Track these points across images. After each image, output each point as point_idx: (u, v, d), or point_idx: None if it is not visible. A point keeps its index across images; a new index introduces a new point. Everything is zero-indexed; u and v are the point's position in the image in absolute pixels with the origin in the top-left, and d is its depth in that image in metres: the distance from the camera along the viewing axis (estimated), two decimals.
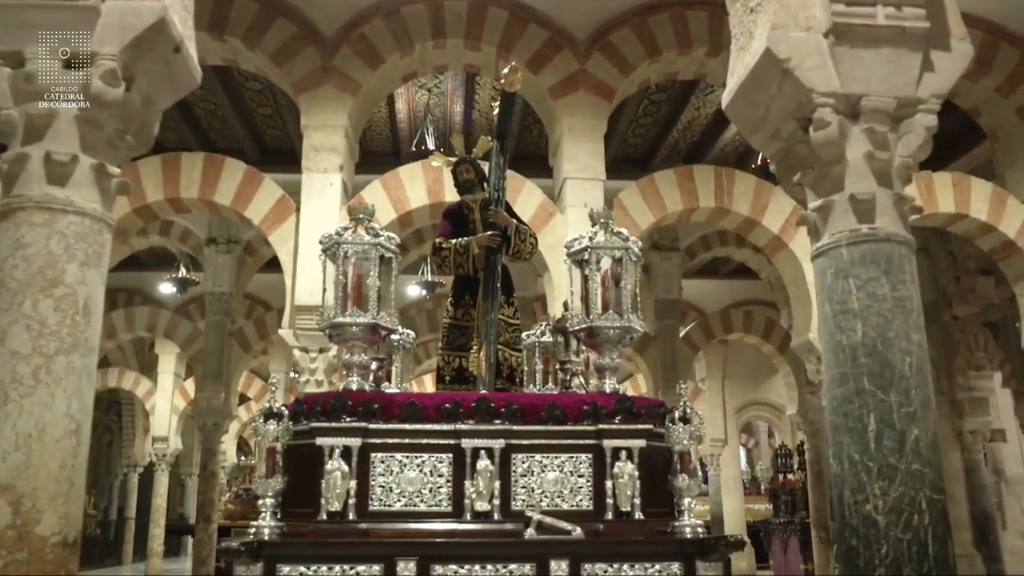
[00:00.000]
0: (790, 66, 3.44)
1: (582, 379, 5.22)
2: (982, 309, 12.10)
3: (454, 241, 5.57)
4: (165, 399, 16.06)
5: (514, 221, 5.61)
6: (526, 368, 5.55)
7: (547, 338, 5.42)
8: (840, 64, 3.45)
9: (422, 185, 8.49)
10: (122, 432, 20.37)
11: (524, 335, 5.62)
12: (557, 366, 5.39)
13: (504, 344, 5.51)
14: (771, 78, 3.56)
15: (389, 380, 5.21)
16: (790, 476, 14.37)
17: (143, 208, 8.41)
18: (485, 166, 5.80)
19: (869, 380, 3.28)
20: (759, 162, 11.14)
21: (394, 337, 5.29)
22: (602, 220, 4.70)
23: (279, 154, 11.59)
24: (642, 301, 13.67)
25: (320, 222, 7.88)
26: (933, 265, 12.91)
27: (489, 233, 5.51)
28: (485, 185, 5.79)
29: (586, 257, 4.59)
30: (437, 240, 5.69)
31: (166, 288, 14.35)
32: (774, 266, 9.83)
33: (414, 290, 14.65)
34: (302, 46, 8.54)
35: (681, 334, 13.62)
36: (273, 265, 9.30)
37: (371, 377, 5.20)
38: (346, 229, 4.52)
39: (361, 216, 4.58)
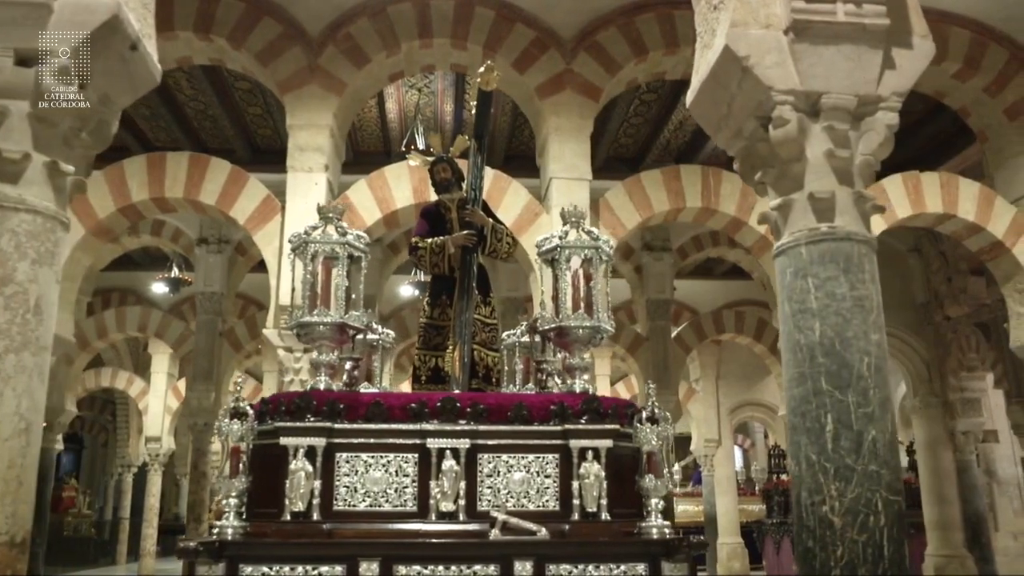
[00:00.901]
0: (749, 64, 3.41)
1: (558, 379, 5.19)
2: (974, 310, 12.06)
3: (430, 240, 5.57)
4: (158, 399, 16.03)
5: (490, 220, 5.60)
6: (506, 368, 5.54)
7: (527, 338, 5.40)
8: (800, 62, 3.41)
9: (408, 185, 8.47)
10: (116, 432, 20.36)
11: (505, 335, 5.60)
12: (534, 366, 5.38)
13: (480, 344, 5.49)
14: (731, 76, 3.53)
15: (370, 380, 5.18)
16: (783, 477, 14.32)
17: (128, 207, 8.39)
18: (466, 165, 5.79)
19: (827, 380, 3.24)
20: None
21: (373, 336, 5.28)
22: (573, 219, 4.67)
23: (270, 153, 11.54)
24: (634, 301, 13.66)
25: (305, 222, 7.83)
26: (925, 266, 12.89)
27: (464, 232, 5.51)
28: (463, 184, 5.80)
29: (556, 256, 4.56)
30: (413, 239, 5.69)
31: (159, 288, 14.35)
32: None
33: (407, 290, 14.63)
34: (287, 45, 8.53)
35: (673, 334, 13.59)
36: (265, 265, 9.28)
37: (345, 377, 5.20)
38: (315, 228, 4.51)
39: (330, 215, 4.57)
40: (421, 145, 10.96)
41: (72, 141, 3.44)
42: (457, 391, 4.96)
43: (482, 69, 5.66)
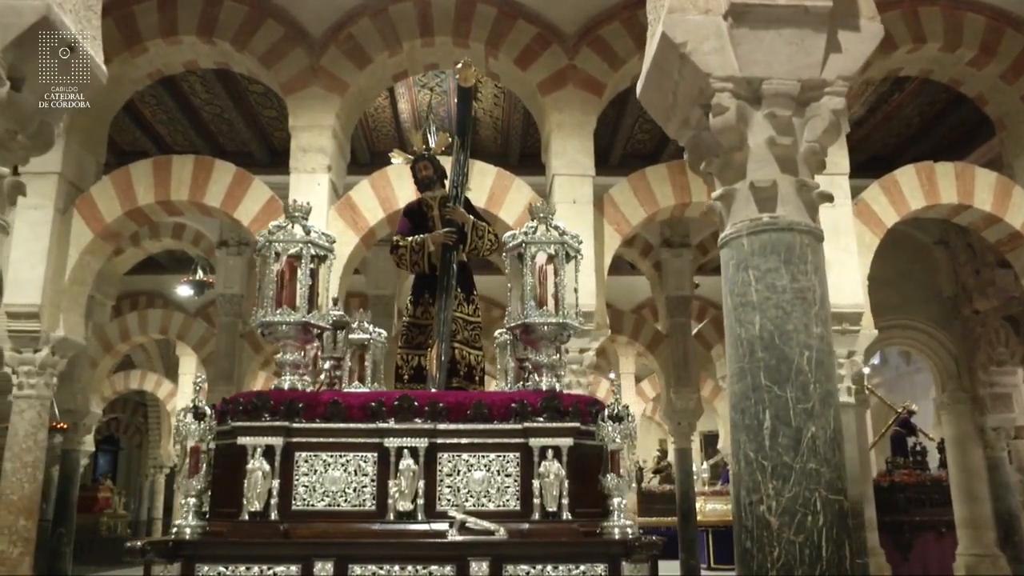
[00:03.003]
0: (687, 51, 3.31)
1: (538, 376, 5.12)
2: (1003, 303, 11.74)
3: (410, 238, 5.54)
4: (186, 401, 16.16)
5: (471, 218, 5.55)
6: (498, 365, 5.49)
7: None
8: (739, 47, 3.29)
9: (410, 183, 8.29)
10: (148, 434, 20.64)
11: (497, 333, 5.54)
12: (515, 363, 5.31)
13: (462, 342, 5.46)
14: (672, 64, 3.43)
15: (362, 380, 5.14)
16: None
17: (135, 211, 8.47)
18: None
19: (766, 375, 3.12)
20: None
21: (364, 336, 5.24)
22: (541, 214, 4.60)
23: (288, 155, 11.60)
24: (654, 298, 13.51)
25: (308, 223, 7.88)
26: (952, 258, 12.58)
27: (444, 230, 5.48)
28: (446, 182, 5.77)
29: (522, 252, 4.50)
30: (395, 238, 5.68)
31: (184, 291, 14.52)
32: None
33: None
34: (290, 47, 8.58)
35: (694, 331, 13.43)
36: None
37: (324, 376, 5.18)
38: (279, 228, 4.49)
39: (296, 214, 4.55)
40: (432, 144, 10.96)
41: (8, 144, 3.44)
42: (434, 390, 4.93)
43: (459, 65, 5.64)
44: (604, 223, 8.48)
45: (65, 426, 11.59)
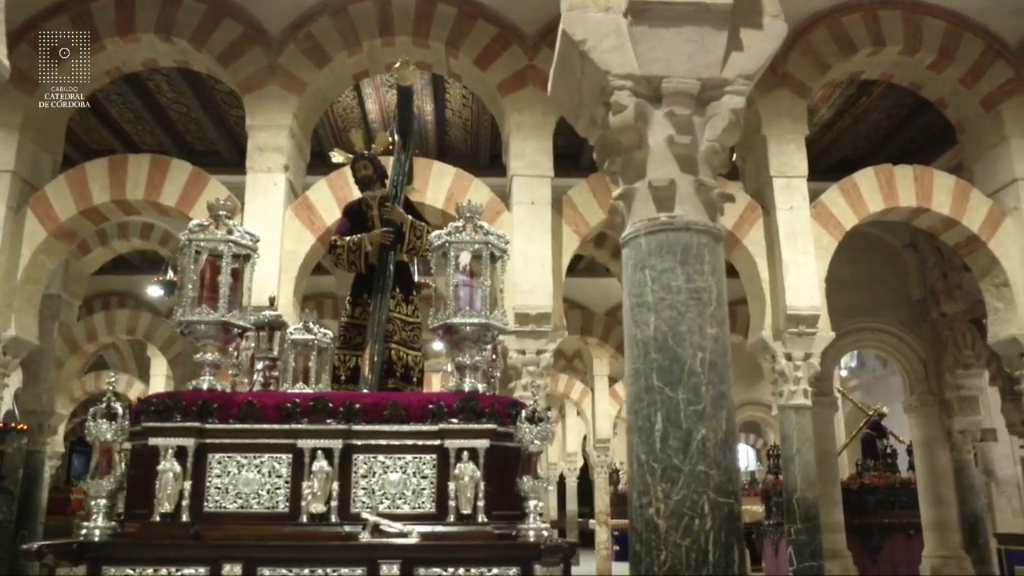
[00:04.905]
0: (586, 48, 3.27)
1: (469, 377, 5.08)
2: (970, 306, 11.73)
3: (347, 238, 5.50)
4: None
5: (409, 218, 5.51)
6: (448, 367, 5.45)
7: None
8: (639, 45, 3.25)
9: None
10: None
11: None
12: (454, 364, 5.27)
13: (399, 343, 5.41)
14: (574, 62, 3.40)
15: (306, 381, 5.09)
16: (782, 477, 14.04)
17: (90, 210, 8.39)
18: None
19: (658, 376, 3.08)
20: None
21: (309, 336, 5.20)
22: (467, 214, 4.57)
23: None
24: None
25: (264, 222, 7.85)
26: (921, 262, 12.59)
27: (381, 230, 5.44)
28: (387, 181, 5.74)
29: (446, 252, 4.46)
30: (333, 237, 5.64)
31: (154, 291, 14.43)
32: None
33: None
34: (248, 46, 8.52)
35: None
36: None
37: (258, 376, 5.13)
38: (202, 227, 4.44)
39: (220, 213, 4.50)
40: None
41: None
42: (366, 391, 4.89)
43: (398, 64, 5.62)
44: (563, 224, 8.45)
45: (25, 427, 11.51)
